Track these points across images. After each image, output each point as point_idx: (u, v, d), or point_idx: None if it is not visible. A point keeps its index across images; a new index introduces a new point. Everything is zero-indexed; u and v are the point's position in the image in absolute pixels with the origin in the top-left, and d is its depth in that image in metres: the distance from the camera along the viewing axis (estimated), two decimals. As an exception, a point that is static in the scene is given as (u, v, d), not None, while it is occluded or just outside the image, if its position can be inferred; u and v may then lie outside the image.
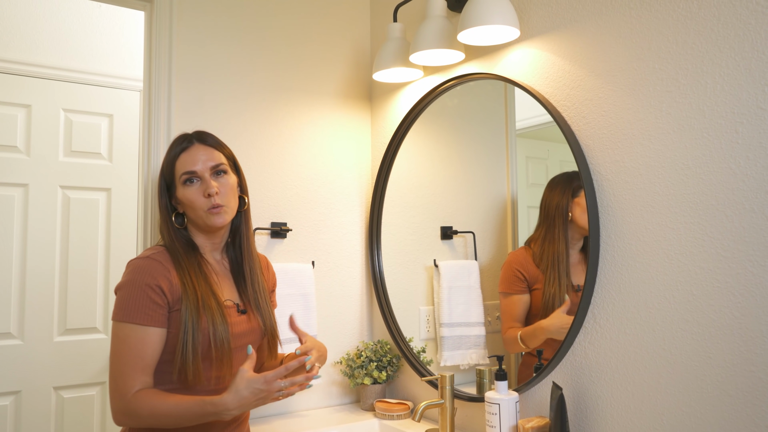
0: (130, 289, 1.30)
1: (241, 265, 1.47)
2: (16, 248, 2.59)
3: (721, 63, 1.18)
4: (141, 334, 1.28)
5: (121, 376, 1.27)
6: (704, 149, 1.21)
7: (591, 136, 1.43)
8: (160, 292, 1.30)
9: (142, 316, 1.28)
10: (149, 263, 1.33)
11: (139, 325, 1.28)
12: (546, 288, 1.51)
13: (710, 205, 1.20)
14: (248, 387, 1.24)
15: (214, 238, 1.45)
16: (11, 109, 2.62)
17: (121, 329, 1.29)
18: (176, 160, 1.41)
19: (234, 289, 1.45)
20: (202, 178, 1.39)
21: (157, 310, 1.29)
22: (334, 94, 2.16)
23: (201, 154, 1.40)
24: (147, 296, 1.29)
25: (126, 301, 1.29)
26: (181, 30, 1.87)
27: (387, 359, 2.00)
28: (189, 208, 1.40)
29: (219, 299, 1.37)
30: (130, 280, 1.31)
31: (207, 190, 1.38)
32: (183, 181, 1.39)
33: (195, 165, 1.39)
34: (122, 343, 1.28)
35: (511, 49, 1.64)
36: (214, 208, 1.38)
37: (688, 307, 1.23)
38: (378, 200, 2.11)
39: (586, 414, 1.41)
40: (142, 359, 1.28)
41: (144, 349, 1.28)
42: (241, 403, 1.23)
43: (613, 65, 1.38)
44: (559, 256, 1.49)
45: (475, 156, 1.87)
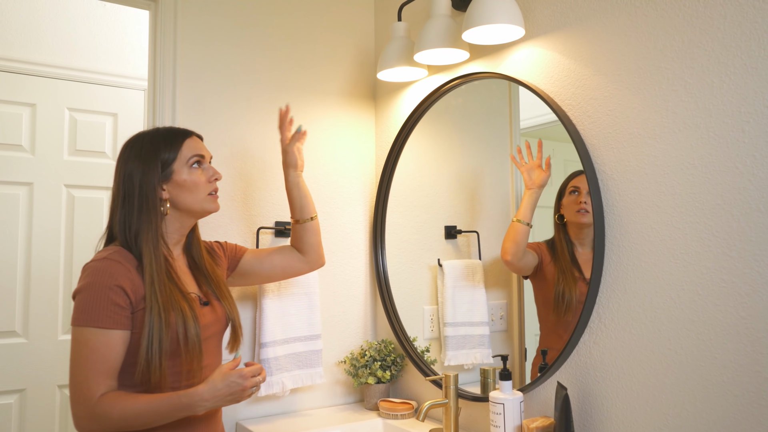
0: (90, 292, 1.26)
1: (196, 261, 1.48)
2: (21, 247, 2.59)
3: (728, 62, 1.18)
4: (104, 338, 1.25)
5: (85, 381, 1.23)
6: (710, 148, 1.20)
7: (596, 136, 1.43)
8: (122, 292, 1.27)
9: (105, 319, 1.25)
10: (107, 264, 1.29)
11: (102, 329, 1.24)
12: (557, 281, 1.52)
13: (716, 205, 1.19)
14: (224, 380, 1.26)
15: (186, 228, 1.45)
16: (16, 108, 2.63)
17: (81, 334, 1.25)
18: (183, 144, 1.41)
19: (194, 282, 1.45)
20: (207, 164, 1.45)
21: (119, 312, 1.26)
22: (338, 93, 2.16)
23: (201, 144, 1.46)
24: (108, 298, 1.25)
25: (86, 304, 1.26)
26: (186, 29, 1.88)
27: (391, 359, 2.00)
28: (188, 192, 1.40)
29: (184, 292, 1.36)
30: (89, 283, 1.27)
31: (214, 175, 1.44)
32: (191, 163, 1.41)
33: (203, 151, 1.44)
34: (84, 347, 1.25)
35: (516, 48, 1.64)
36: (214, 192, 1.44)
37: (694, 306, 1.22)
38: (382, 199, 2.10)
39: (591, 414, 1.41)
40: (105, 363, 1.25)
41: (108, 353, 1.25)
42: (215, 394, 1.25)
43: (618, 64, 1.38)
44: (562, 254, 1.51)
45: (479, 155, 1.87)
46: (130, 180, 1.36)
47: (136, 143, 1.41)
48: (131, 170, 1.37)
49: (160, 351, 1.27)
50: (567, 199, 1.49)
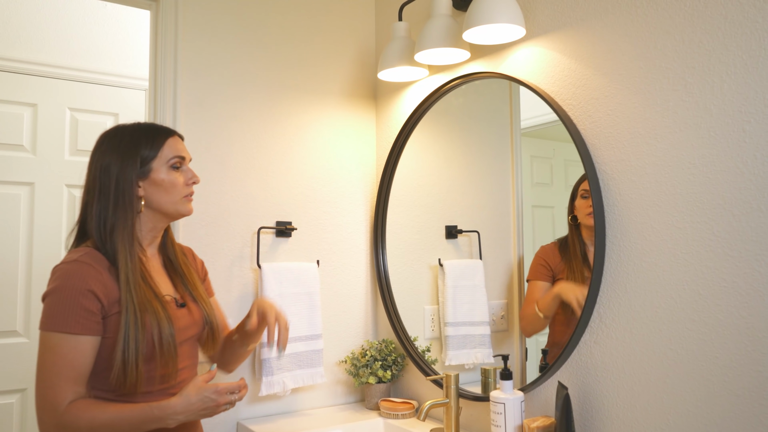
0: (58, 295, 1.21)
1: (172, 262, 1.44)
2: (22, 247, 2.60)
3: (728, 61, 1.18)
4: (73, 344, 1.20)
5: (52, 388, 1.19)
6: (711, 148, 1.20)
7: (597, 135, 1.42)
8: (93, 297, 1.22)
9: (73, 324, 1.20)
10: (78, 267, 1.24)
11: (71, 335, 1.20)
12: (568, 280, 1.52)
13: (717, 204, 1.19)
14: (198, 394, 1.22)
15: (159, 230, 1.40)
16: (17, 108, 2.63)
17: (49, 339, 1.21)
18: (165, 142, 1.36)
19: (169, 283, 1.41)
20: (186, 166, 1.41)
21: (89, 317, 1.21)
22: (338, 93, 2.16)
23: (183, 146, 1.42)
24: (78, 303, 1.21)
25: (54, 309, 1.21)
26: (187, 29, 1.88)
27: (392, 358, 2.00)
28: (165, 193, 1.35)
29: (159, 295, 1.31)
30: (59, 287, 1.22)
31: (193, 178, 1.40)
32: (171, 164, 1.36)
33: (183, 152, 1.40)
34: (51, 353, 1.20)
35: (517, 48, 1.64)
36: (191, 195, 1.40)
37: (695, 306, 1.22)
38: (383, 199, 2.10)
39: (592, 414, 1.41)
40: (74, 369, 1.21)
41: (76, 359, 1.21)
42: (188, 408, 1.22)
43: (619, 64, 1.38)
44: (572, 253, 1.51)
45: (480, 155, 1.87)
46: (107, 173, 1.31)
47: (115, 136, 1.36)
48: (108, 163, 1.32)
49: (136, 353, 1.23)
50: (579, 202, 1.49)
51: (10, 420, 2.52)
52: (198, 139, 1.87)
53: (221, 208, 1.89)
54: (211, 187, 1.88)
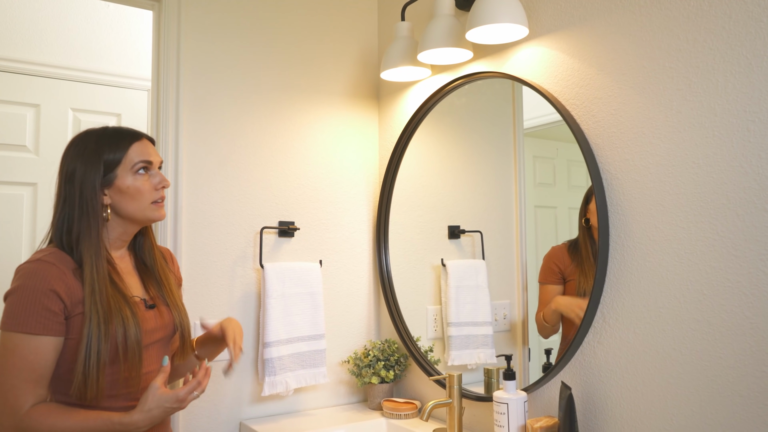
0: (20, 295, 1.19)
1: (145, 261, 1.41)
2: (25, 247, 2.60)
3: (733, 61, 1.18)
4: (33, 344, 1.18)
5: (12, 390, 1.17)
6: (715, 148, 1.20)
7: (600, 135, 1.42)
8: (56, 297, 1.20)
9: (34, 324, 1.18)
10: (41, 266, 1.21)
11: (31, 335, 1.18)
12: (579, 282, 1.51)
13: (721, 204, 1.19)
14: (159, 405, 1.20)
15: (130, 235, 1.37)
16: (20, 109, 2.63)
17: (9, 339, 1.19)
18: (129, 148, 1.33)
19: (140, 284, 1.38)
20: (155, 171, 1.36)
21: (51, 317, 1.19)
22: (341, 93, 2.16)
23: (151, 149, 1.38)
24: (40, 303, 1.18)
25: (16, 308, 1.19)
26: (189, 29, 1.88)
27: (394, 358, 2.00)
28: (131, 199, 1.31)
29: (129, 300, 1.28)
30: (20, 286, 1.20)
31: (162, 183, 1.36)
32: (137, 169, 1.32)
33: (152, 156, 1.36)
34: (11, 354, 1.18)
35: (520, 48, 1.64)
36: (160, 201, 1.36)
37: (699, 306, 1.22)
38: (385, 199, 2.10)
39: (595, 414, 1.40)
40: (34, 371, 1.18)
41: (36, 360, 1.18)
42: (151, 420, 1.20)
43: (622, 63, 1.37)
44: (586, 257, 1.50)
45: (482, 155, 1.86)
46: (71, 180, 1.29)
47: (81, 142, 1.34)
48: (73, 170, 1.30)
49: (98, 365, 1.20)
50: (593, 205, 1.47)
51: None
52: (201, 139, 1.87)
53: (224, 208, 1.89)
54: (214, 187, 1.88)
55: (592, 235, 1.50)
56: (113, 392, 1.26)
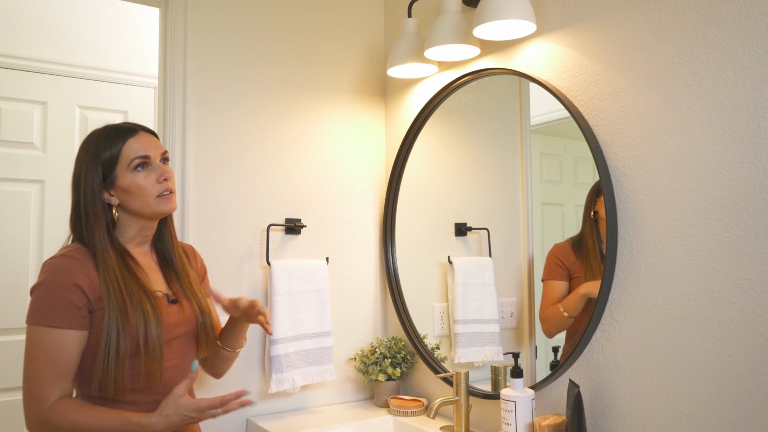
0: (45, 289, 1.22)
1: (168, 258, 1.42)
2: (33, 244, 2.61)
3: (743, 56, 1.16)
4: (57, 338, 1.20)
5: (37, 383, 1.19)
6: (725, 144, 1.19)
7: (608, 132, 1.41)
8: (79, 291, 1.22)
9: (59, 318, 1.20)
10: (65, 261, 1.24)
11: (55, 328, 1.20)
12: (585, 278, 1.51)
13: (731, 201, 1.18)
14: (178, 413, 1.19)
15: (148, 230, 1.38)
16: (28, 106, 2.64)
17: (35, 333, 1.21)
18: (123, 146, 1.32)
19: (163, 280, 1.39)
20: (154, 164, 1.34)
21: (74, 311, 1.21)
22: (347, 90, 2.15)
23: (150, 141, 1.36)
24: (63, 297, 1.21)
25: (40, 302, 1.22)
26: (196, 26, 1.88)
27: (401, 356, 2.00)
28: (135, 197, 1.32)
29: (151, 295, 1.30)
30: (44, 281, 1.23)
31: (163, 175, 1.33)
32: (134, 166, 1.31)
33: (148, 150, 1.34)
34: (36, 347, 1.20)
35: (527, 44, 1.63)
36: (166, 193, 1.34)
37: (709, 304, 1.21)
38: (392, 196, 2.10)
39: (603, 412, 1.40)
40: (58, 364, 1.20)
41: (60, 354, 1.20)
42: (168, 425, 1.19)
43: (631, 59, 1.37)
44: (589, 251, 1.49)
45: (489, 152, 1.86)
46: (77, 185, 1.32)
47: (84, 145, 1.35)
48: (78, 174, 1.33)
49: (117, 359, 1.22)
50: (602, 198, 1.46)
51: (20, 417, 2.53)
52: (207, 136, 1.87)
53: (230, 206, 1.90)
54: (221, 184, 1.88)
55: (599, 229, 1.49)
56: (134, 386, 1.27)
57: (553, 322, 1.60)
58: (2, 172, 2.57)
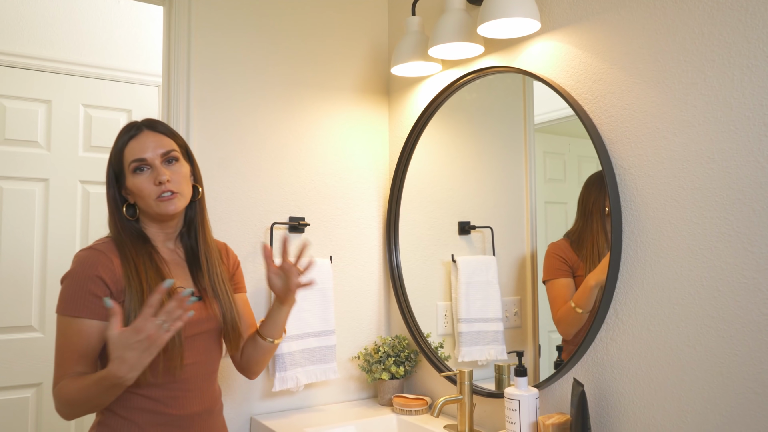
0: (70, 281, 1.28)
1: (196, 254, 1.42)
2: (37, 242, 2.62)
3: (749, 54, 1.16)
4: (77, 326, 1.25)
5: (57, 368, 1.26)
6: (731, 142, 1.19)
7: (613, 130, 1.41)
8: (101, 283, 1.26)
9: (80, 308, 1.25)
10: (91, 254, 1.30)
11: (76, 318, 1.25)
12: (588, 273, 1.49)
13: (737, 200, 1.17)
14: (123, 345, 1.12)
15: (167, 227, 1.40)
16: (32, 105, 2.65)
17: (60, 321, 1.28)
18: (125, 147, 1.34)
19: (188, 277, 1.40)
20: (153, 165, 1.33)
21: (96, 302, 1.26)
22: (351, 89, 2.15)
23: (151, 141, 1.35)
24: (86, 288, 1.26)
25: (66, 292, 1.28)
26: (200, 25, 1.88)
27: (405, 354, 2.00)
28: (139, 198, 1.35)
29: (172, 288, 1.29)
30: (71, 272, 1.29)
31: (158, 178, 1.32)
32: (133, 169, 1.33)
33: (145, 152, 1.33)
34: (61, 334, 1.27)
35: (532, 42, 1.62)
36: (164, 195, 1.33)
37: (714, 303, 1.21)
38: (396, 195, 2.10)
39: (608, 411, 1.40)
40: (76, 351, 1.25)
41: (79, 342, 1.25)
42: (125, 362, 1.12)
43: (636, 57, 1.36)
44: (599, 247, 1.48)
45: (493, 151, 1.86)
46: (106, 178, 1.39)
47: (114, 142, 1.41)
48: (107, 170, 1.40)
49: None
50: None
51: (26, 415, 2.55)
52: (211, 134, 1.87)
53: (234, 204, 1.90)
54: (224, 182, 1.89)
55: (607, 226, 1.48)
56: (154, 380, 1.30)
57: (569, 321, 1.57)
58: (6, 171, 2.57)
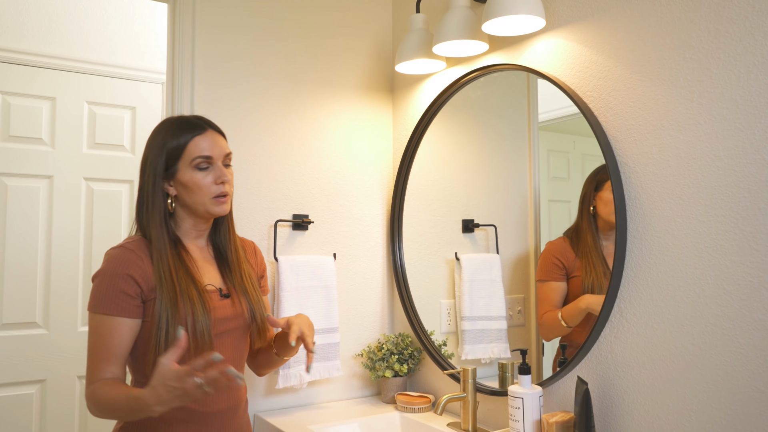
0: (102, 279, 1.29)
1: (224, 253, 1.44)
2: (41, 239, 2.62)
3: (756, 51, 1.15)
4: (109, 324, 1.26)
5: (90, 365, 1.26)
6: (737, 140, 1.18)
7: (618, 128, 1.41)
8: (132, 281, 1.27)
9: (111, 306, 1.26)
10: (122, 252, 1.30)
11: (108, 316, 1.26)
12: (585, 276, 1.50)
13: (743, 197, 1.17)
14: (162, 383, 1.11)
15: (203, 225, 1.41)
16: (36, 102, 2.65)
17: (92, 319, 1.28)
18: (190, 142, 1.34)
19: (218, 274, 1.42)
20: (216, 165, 1.36)
21: (127, 300, 1.27)
22: (355, 86, 2.15)
23: (217, 142, 1.38)
24: (117, 286, 1.27)
25: (97, 291, 1.28)
26: (204, 23, 1.88)
27: (408, 352, 2.00)
28: (192, 193, 1.35)
29: (199, 285, 1.33)
30: (102, 270, 1.30)
31: (221, 178, 1.35)
32: (196, 165, 1.34)
33: (212, 150, 1.36)
34: (93, 333, 1.28)
35: (536, 40, 1.62)
36: (221, 196, 1.36)
37: (719, 301, 1.20)
38: (399, 192, 2.10)
39: (612, 409, 1.39)
40: (108, 350, 1.26)
41: (111, 340, 1.26)
42: (158, 399, 1.12)
43: (641, 55, 1.36)
44: (590, 247, 1.49)
45: (497, 149, 1.85)
46: (144, 170, 1.36)
47: (155, 131, 1.39)
48: (145, 159, 1.37)
49: (167, 344, 1.25)
50: (606, 195, 1.44)
51: (30, 411, 2.55)
52: (215, 132, 1.87)
53: (238, 202, 1.90)
54: (229, 180, 1.89)
55: (597, 224, 1.48)
56: None
57: (551, 329, 1.60)
58: (11, 168, 2.58)
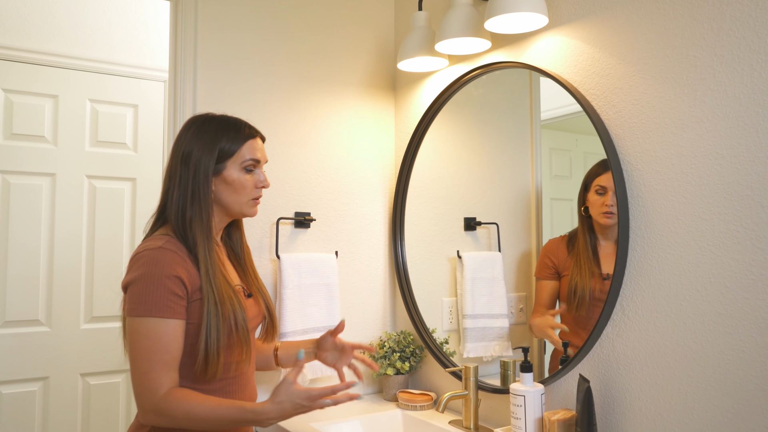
0: (147, 281, 1.24)
1: (237, 252, 1.49)
2: (44, 237, 2.63)
3: (759, 49, 1.15)
4: (164, 328, 1.23)
5: (148, 374, 1.22)
6: (740, 138, 1.18)
7: (621, 126, 1.40)
8: (179, 282, 1.26)
9: (164, 308, 1.23)
10: (163, 253, 1.27)
11: (161, 318, 1.23)
12: (572, 276, 1.51)
13: (745, 196, 1.17)
14: (290, 400, 1.22)
15: (224, 223, 1.44)
16: (39, 100, 2.65)
17: (140, 324, 1.23)
18: (245, 144, 1.38)
19: (236, 274, 1.46)
20: (258, 170, 1.41)
21: (177, 301, 1.25)
22: (357, 84, 2.15)
23: (262, 148, 1.43)
24: (166, 288, 1.24)
25: (143, 294, 1.24)
26: (206, 20, 1.88)
27: (410, 350, 2.00)
28: (234, 193, 1.37)
29: (233, 285, 1.36)
30: (145, 273, 1.25)
31: (262, 183, 1.41)
32: (246, 166, 1.37)
33: (261, 155, 1.41)
34: (145, 338, 1.22)
35: (539, 37, 1.62)
36: (258, 199, 1.42)
37: (722, 299, 1.20)
38: (401, 190, 2.10)
39: (614, 407, 1.39)
40: (167, 354, 1.23)
41: (168, 343, 1.23)
42: (281, 414, 1.22)
43: (644, 52, 1.35)
44: (581, 247, 1.50)
45: (499, 147, 1.85)
46: (186, 162, 1.34)
47: (201, 125, 1.38)
48: (190, 151, 1.35)
49: (218, 342, 1.26)
50: (593, 197, 1.47)
51: (33, 408, 2.56)
52: (217, 129, 1.87)
53: (240, 199, 1.90)
54: (231, 177, 1.89)
55: (592, 225, 1.49)
56: (226, 375, 1.32)
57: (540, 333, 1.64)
58: (13, 165, 2.58)
